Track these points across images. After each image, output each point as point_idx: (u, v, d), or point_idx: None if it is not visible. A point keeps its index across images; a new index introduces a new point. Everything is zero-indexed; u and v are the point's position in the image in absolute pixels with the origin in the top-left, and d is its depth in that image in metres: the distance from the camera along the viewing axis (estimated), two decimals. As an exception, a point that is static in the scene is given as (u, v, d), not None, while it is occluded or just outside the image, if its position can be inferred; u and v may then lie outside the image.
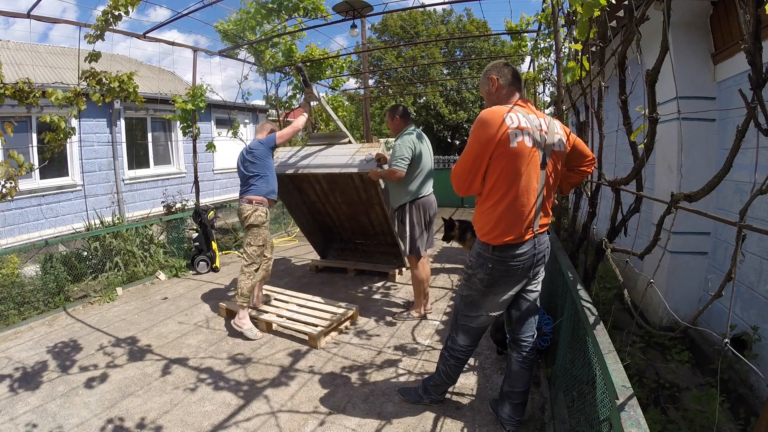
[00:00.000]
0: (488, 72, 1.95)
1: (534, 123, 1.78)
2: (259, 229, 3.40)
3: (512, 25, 5.45)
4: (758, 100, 1.09)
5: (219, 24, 5.66)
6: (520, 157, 1.72)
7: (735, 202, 2.70)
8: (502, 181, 1.76)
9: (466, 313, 2.06)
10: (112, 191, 7.75)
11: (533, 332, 2.11)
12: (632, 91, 1.93)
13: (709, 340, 2.79)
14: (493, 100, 1.93)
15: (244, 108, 9.97)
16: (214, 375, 2.85)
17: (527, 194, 1.77)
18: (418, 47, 18.78)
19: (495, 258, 1.86)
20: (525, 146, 1.72)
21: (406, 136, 3.35)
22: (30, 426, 2.35)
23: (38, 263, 4.59)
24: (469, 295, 2.01)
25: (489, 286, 1.92)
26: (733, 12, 2.66)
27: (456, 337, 2.16)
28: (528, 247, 1.85)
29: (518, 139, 1.71)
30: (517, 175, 1.74)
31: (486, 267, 1.89)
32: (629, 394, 1.12)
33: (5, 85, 3.25)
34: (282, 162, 4.25)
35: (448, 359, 2.21)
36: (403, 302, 4.03)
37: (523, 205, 1.77)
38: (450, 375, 2.24)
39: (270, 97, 6.93)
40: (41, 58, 8.32)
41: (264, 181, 3.43)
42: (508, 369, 2.18)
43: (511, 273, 1.87)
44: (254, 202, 3.39)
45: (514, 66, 1.97)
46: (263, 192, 3.43)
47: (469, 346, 2.16)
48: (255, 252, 3.42)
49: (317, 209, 5.09)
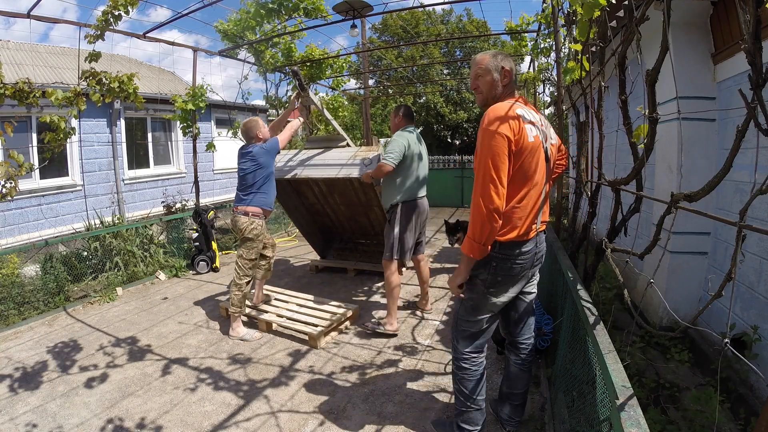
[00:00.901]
0: (502, 61, 1.81)
1: (535, 118, 1.77)
2: (253, 242, 3.33)
3: (512, 25, 5.45)
4: (758, 100, 1.09)
5: (219, 24, 5.66)
6: (535, 152, 1.70)
7: (735, 202, 2.70)
8: (519, 177, 1.69)
9: (466, 318, 1.94)
10: (112, 191, 7.75)
11: (531, 334, 2.09)
12: (632, 91, 1.93)
13: (709, 340, 2.79)
14: (495, 94, 1.82)
15: (244, 108, 9.97)
16: (214, 375, 2.85)
17: (537, 189, 1.75)
18: (417, 47, 18.79)
19: (500, 256, 1.78)
20: (538, 140, 1.71)
21: (403, 133, 3.29)
22: (30, 426, 2.35)
23: (38, 263, 4.59)
24: (470, 299, 1.90)
25: (491, 287, 1.84)
26: (733, 12, 2.66)
27: (457, 345, 1.99)
28: (531, 245, 1.81)
29: (533, 133, 1.69)
30: (532, 171, 1.71)
31: (489, 266, 1.80)
32: (629, 394, 1.12)
33: (5, 85, 3.25)
34: (280, 166, 4.20)
35: (458, 373, 2.00)
36: (404, 302, 4.04)
37: (532, 200, 1.74)
38: (468, 395, 1.97)
39: (270, 97, 6.93)
40: (41, 58, 8.32)
41: (263, 193, 3.33)
42: (506, 371, 2.17)
43: (515, 272, 1.82)
44: (251, 215, 3.29)
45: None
46: (261, 204, 3.33)
47: (472, 352, 1.97)
48: (247, 265, 3.36)
49: (316, 210, 5.08)
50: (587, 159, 2.88)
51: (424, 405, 2.43)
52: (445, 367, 2.82)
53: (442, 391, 2.56)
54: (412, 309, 3.87)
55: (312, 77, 7.01)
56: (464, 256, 1.76)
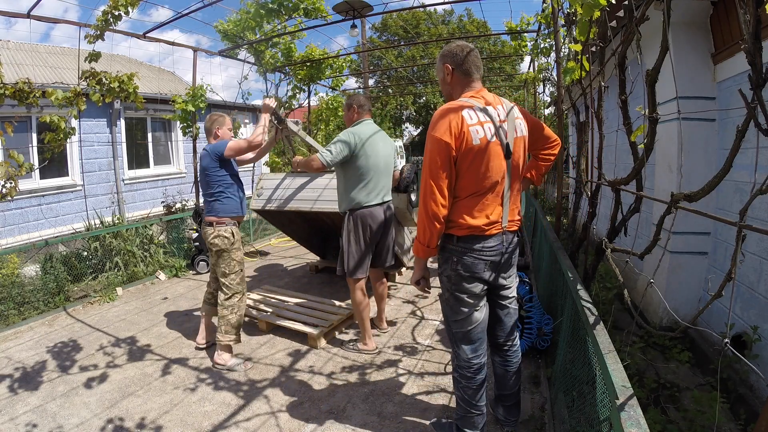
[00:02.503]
0: (444, 59, 1.80)
1: (492, 114, 1.71)
2: (229, 253, 2.88)
3: (512, 26, 5.46)
4: (758, 100, 1.09)
5: (219, 24, 5.67)
6: (485, 152, 1.66)
7: (735, 202, 2.70)
8: (470, 176, 1.68)
9: (453, 318, 1.88)
10: (112, 191, 7.75)
11: (514, 336, 2.05)
12: (632, 91, 1.93)
13: (709, 340, 2.79)
14: (448, 91, 1.84)
15: (244, 108, 9.97)
16: (214, 375, 2.85)
17: (493, 189, 1.71)
18: (418, 47, 18.79)
19: (459, 250, 1.76)
20: (486, 141, 1.66)
21: (355, 128, 2.83)
22: (30, 426, 2.35)
23: (38, 263, 4.59)
24: (446, 298, 1.89)
25: (457, 282, 1.80)
26: (733, 12, 2.66)
27: (458, 350, 1.91)
28: (495, 243, 1.76)
29: (480, 135, 1.65)
30: (483, 170, 1.67)
31: (451, 261, 1.79)
32: (629, 394, 1.12)
33: (5, 85, 3.25)
34: (264, 197, 3.98)
35: (460, 381, 1.94)
36: (404, 302, 4.03)
37: (490, 196, 1.72)
38: (469, 401, 1.92)
39: (270, 97, 6.93)
40: (41, 58, 8.32)
41: (220, 201, 2.88)
42: (494, 373, 2.14)
43: (478, 269, 1.76)
44: (215, 224, 2.87)
45: (470, 49, 1.79)
46: (221, 212, 2.88)
47: (473, 358, 1.89)
48: (234, 281, 2.91)
49: (311, 217, 4.95)
50: (587, 159, 2.89)
51: (424, 405, 2.43)
52: (445, 367, 2.82)
53: (442, 391, 2.56)
54: (412, 309, 3.87)
55: (312, 77, 7.02)
56: (415, 257, 1.87)
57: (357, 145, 2.76)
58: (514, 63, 18.18)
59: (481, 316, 1.87)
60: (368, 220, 2.86)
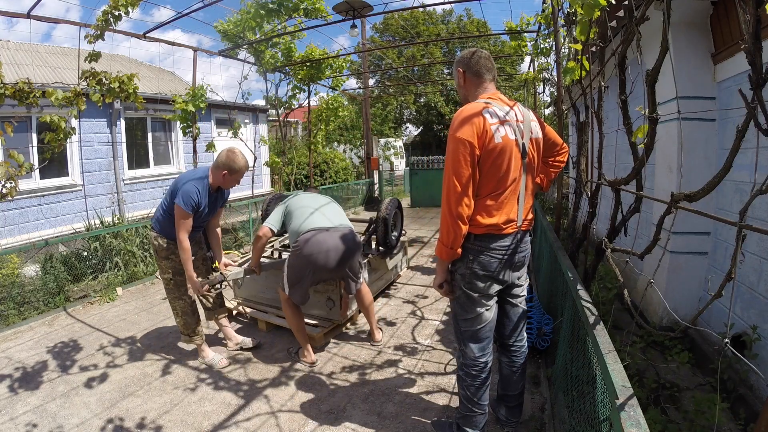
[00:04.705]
0: (457, 64, 1.89)
1: (509, 114, 1.75)
2: (166, 261, 2.81)
3: (512, 26, 5.46)
4: (758, 100, 1.09)
5: (219, 24, 5.67)
6: (506, 151, 1.69)
7: (735, 202, 2.70)
8: (491, 176, 1.70)
9: (463, 317, 1.90)
10: (112, 191, 7.75)
11: (523, 337, 2.07)
12: (632, 91, 1.93)
13: (709, 340, 2.79)
14: (464, 94, 1.89)
15: (244, 108, 9.97)
16: (214, 375, 2.85)
17: (514, 185, 1.74)
18: (418, 47, 18.79)
19: (475, 248, 1.77)
20: (508, 139, 1.69)
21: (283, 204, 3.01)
22: (30, 426, 2.35)
23: (38, 263, 4.60)
24: (458, 296, 1.89)
25: (471, 280, 1.81)
26: (733, 12, 2.66)
27: (465, 349, 1.92)
28: (510, 241, 1.78)
29: (502, 133, 1.68)
30: (504, 169, 1.70)
31: (467, 259, 1.80)
32: (629, 394, 1.12)
33: (5, 85, 3.25)
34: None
35: (465, 379, 1.94)
36: (404, 302, 4.03)
37: (508, 195, 1.74)
38: (473, 399, 1.93)
39: (270, 97, 6.94)
40: (41, 58, 8.32)
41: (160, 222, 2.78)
42: (500, 373, 2.15)
43: (493, 266, 1.79)
44: (155, 231, 2.83)
45: (484, 54, 1.87)
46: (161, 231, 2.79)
47: (479, 357, 1.90)
48: (167, 285, 2.87)
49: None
50: (587, 159, 2.89)
51: (424, 405, 2.43)
52: (445, 367, 2.82)
53: (442, 391, 2.56)
54: (412, 309, 3.87)
55: (312, 77, 7.03)
56: (438, 259, 1.84)
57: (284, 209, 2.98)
58: (514, 63, 18.20)
59: (490, 316, 1.90)
60: (314, 257, 2.74)
